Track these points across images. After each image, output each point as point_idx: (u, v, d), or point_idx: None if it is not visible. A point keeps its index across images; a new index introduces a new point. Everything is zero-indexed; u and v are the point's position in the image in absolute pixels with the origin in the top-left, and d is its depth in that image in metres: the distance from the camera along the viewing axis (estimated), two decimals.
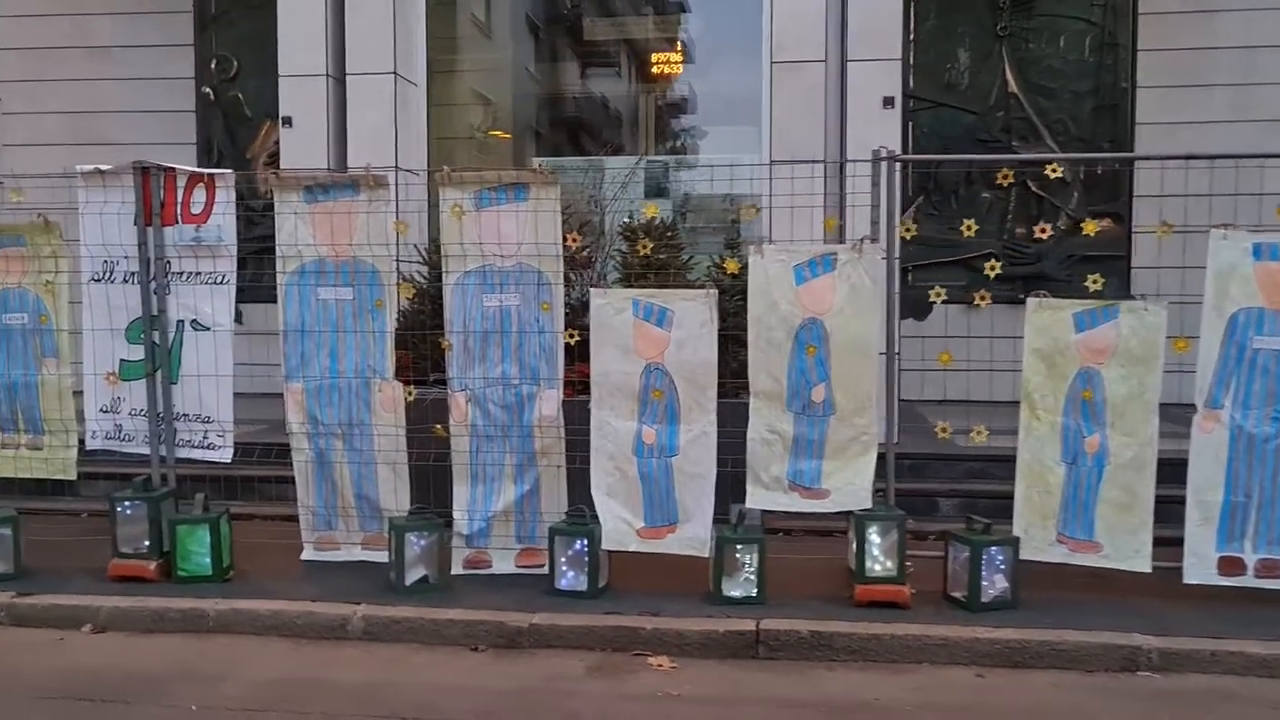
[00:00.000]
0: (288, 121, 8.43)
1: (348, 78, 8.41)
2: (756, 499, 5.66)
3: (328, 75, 8.39)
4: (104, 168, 6.02)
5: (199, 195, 5.99)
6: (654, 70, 11.54)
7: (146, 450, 6.18)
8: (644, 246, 5.92)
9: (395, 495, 6.06)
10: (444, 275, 5.86)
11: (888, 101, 7.94)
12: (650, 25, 11.77)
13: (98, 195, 6.05)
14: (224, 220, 5.95)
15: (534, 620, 5.26)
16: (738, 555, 5.46)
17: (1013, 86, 10.87)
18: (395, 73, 8.32)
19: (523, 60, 11.67)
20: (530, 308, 5.83)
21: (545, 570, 5.89)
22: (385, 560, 6.00)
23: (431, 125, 9.15)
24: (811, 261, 5.52)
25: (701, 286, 6.07)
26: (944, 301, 5.79)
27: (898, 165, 5.63)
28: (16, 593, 5.68)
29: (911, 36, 10.01)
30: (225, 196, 5.98)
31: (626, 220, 7.37)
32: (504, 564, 6.01)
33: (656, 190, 9.78)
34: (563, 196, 5.84)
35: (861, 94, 7.92)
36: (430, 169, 7.94)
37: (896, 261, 5.69)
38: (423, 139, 8.85)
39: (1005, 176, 5.79)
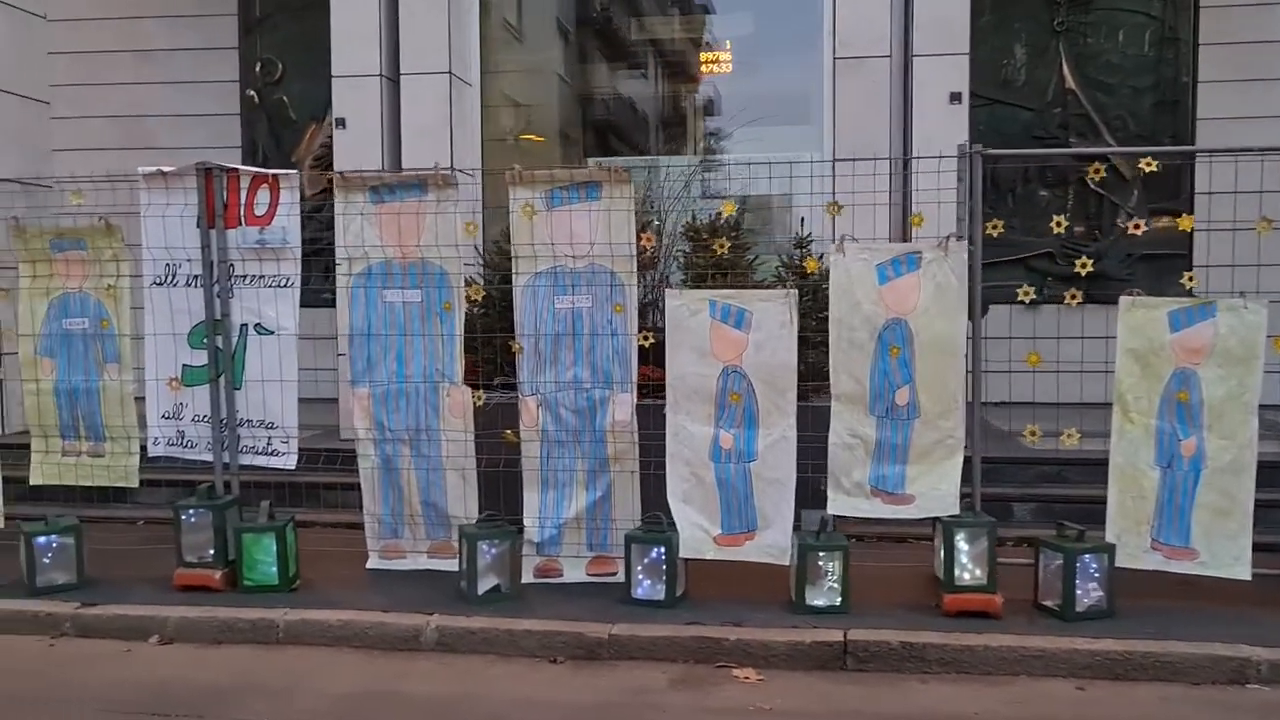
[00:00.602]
0: (341, 123, 8.30)
1: (402, 78, 8.26)
2: (838, 505, 5.49)
3: (381, 75, 8.25)
4: (166, 169, 5.91)
5: (263, 196, 5.88)
6: (702, 69, 11.34)
7: (209, 457, 6.07)
8: (721, 246, 5.74)
9: (464, 502, 5.90)
10: (514, 277, 5.72)
11: (955, 97, 7.74)
12: (696, 25, 11.57)
13: (160, 197, 5.95)
14: (288, 222, 5.83)
15: (613, 631, 5.10)
16: (820, 563, 5.28)
17: (1070, 83, 10.63)
18: (450, 72, 8.17)
19: (564, 60, 11.51)
20: (602, 309, 5.67)
21: (618, 579, 5.75)
22: (453, 569, 5.89)
23: (484, 125, 8.98)
24: (895, 260, 5.34)
25: (777, 286, 5.85)
26: (1010, 302, 5.56)
27: (980, 161, 5.39)
28: (81, 603, 5.56)
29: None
30: (289, 198, 5.86)
31: (689, 220, 7.17)
32: (575, 572, 5.86)
33: (712, 190, 9.58)
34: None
35: (928, 89, 7.72)
36: (486, 169, 7.80)
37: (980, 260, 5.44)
38: (476, 139, 8.70)
39: (1097, 170, 5.59)
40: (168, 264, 5.97)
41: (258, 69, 11.62)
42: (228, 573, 5.75)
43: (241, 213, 5.90)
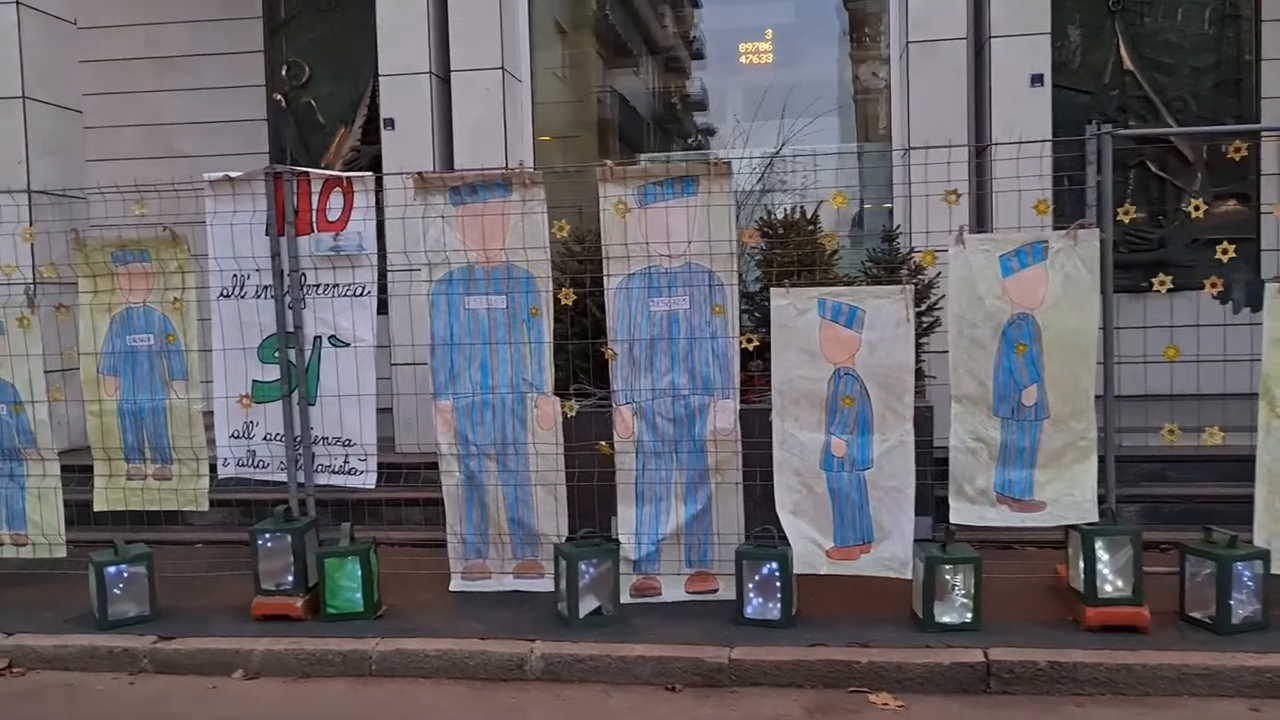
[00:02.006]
0: (390, 123, 7.97)
1: (452, 75, 7.92)
2: (961, 513, 5.15)
3: (431, 73, 7.90)
4: (234, 175, 5.59)
5: (335, 201, 5.54)
6: (741, 60, 11.01)
7: (282, 477, 5.74)
8: (830, 240, 5.38)
9: (554, 519, 5.56)
10: (605, 279, 5.38)
11: (1036, 79, 7.41)
12: (737, 15, 11.23)
13: (226, 205, 5.61)
14: (364, 227, 5.50)
15: (733, 655, 4.76)
16: (948, 577, 4.93)
17: (1128, 63, 10.26)
18: (503, 68, 7.82)
19: (603, 55, 11.18)
20: (701, 311, 5.35)
21: (719, 596, 5.44)
22: (540, 590, 5.62)
23: (535, 123, 8.65)
24: (1020, 251, 5.01)
25: (900, 282, 5.51)
26: None
27: (1110, 142, 5.05)
28: (158, 636, 5.23)
29: None
30: (364, 201, 5.53)
31: (765, 215, 6.83)
32: (674, 590, 5.53)
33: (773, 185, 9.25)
34: None
35: (1007, 72, 7.39)
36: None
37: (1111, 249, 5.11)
38: (528, 137, 8.36)
39: (1237, 150, 5.23)
40: (235, 274, 5.64)
41: (284, 72, 11.30)
42: (309, 600, 5.41)
43: (313, 218, 5.57)
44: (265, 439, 5.73)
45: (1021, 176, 5.68)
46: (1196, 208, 5.17)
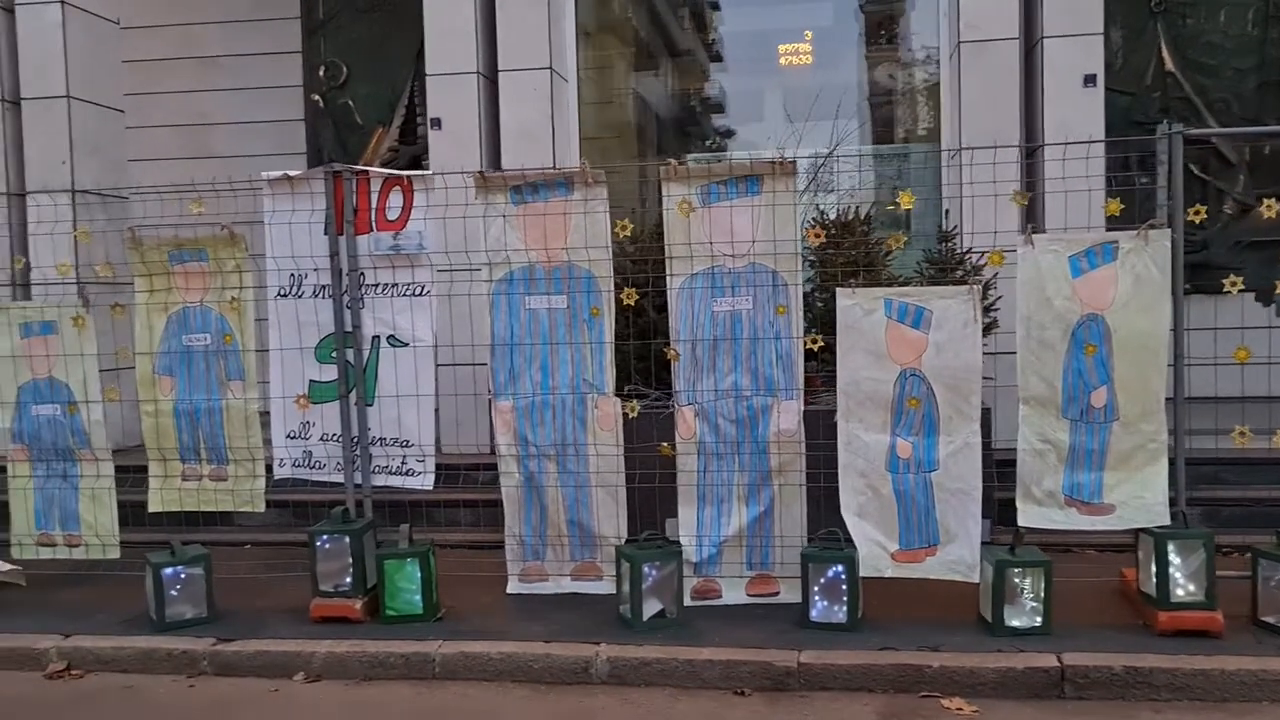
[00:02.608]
0: (437, 123, 7.93)
1: (500, 75, 7.88)
2: (1028, 516, 5.09)
3: (478, 73, 7.86)
4: (292, 173, 5.56)
5: (395, 200, 5.50)
6: (780, 61, 10.94)
7: (339, 478, 5.69)
8: (896, 241, 5.32)
9: (613, 521, 5.51)
10: (668, 279, 5.34)
11: (1089, 80, 7.33)
12: (774, 17, 11.16)
13: (284, 204, 5.57)
14: (425, 226, 5.44)
15: (801, 658, 4.71)
16: (1017, 580, 4.86)
17: (1169, 65, 10.15)
18: (550, 68, 7.78)
19: (640, 56, 11.14)
20: (764, 312, 5.30)
21: (780, 599, 5.39)
22: (597, 592, 5.58)
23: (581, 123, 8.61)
24: (1089, 251, 4.95)
25: (957, 282, 5.45)
26: None
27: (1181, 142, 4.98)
28: (217, 639, 5.19)
29: None
30: (424, 200, 5.48)
31: (818, 215, 6.76)
32: (734, 593, 5.48)
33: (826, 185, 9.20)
34: None
35: (1060, 72, 7.31)
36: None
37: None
38: (574, 137, 8.31)
39: None
40: (293, 274, 5.61)
41: (321, 73, 11.30)
42: (367, 602, 5.35)
43: (373, 217, 5.53)
44: (322, 439, 5.69)
45: (1069, 178, 5.64)
46: (1270, 206, 5.06)
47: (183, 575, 5.40)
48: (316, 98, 11.34)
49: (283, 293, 5.66)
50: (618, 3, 10.30)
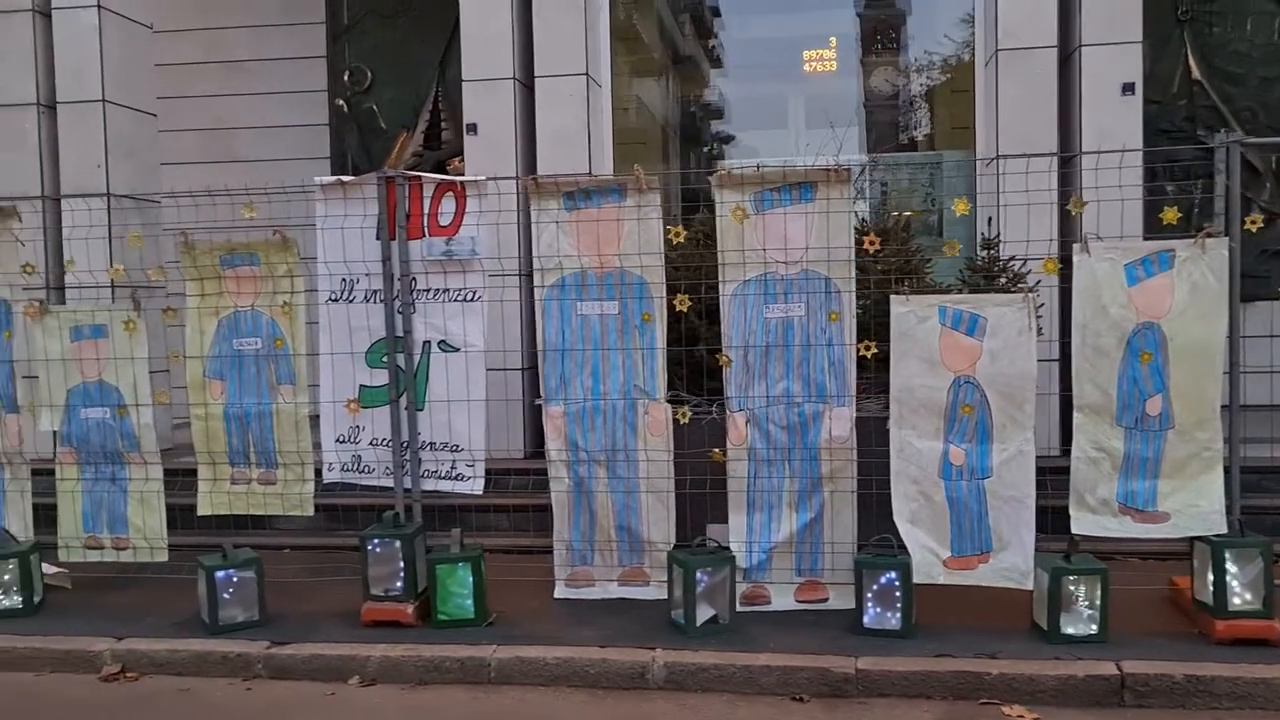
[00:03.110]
0: (472, 128, 7.95)
1: (537, 80, 7.90)
2: (1081, 524, 5.10)
3: (514, 79, 7.88)
4: (345, 179, 5.57)
5: (447, 205, 5.53)
6: (805, 68, 10.97)
7: (388, 483, 5.72)
8: (952, 248, 5.34)
9: (663, 526, 5.53)
10: (720, 285, 5.35)
11: (1127, 88, 7.35)
12: (799, 24, 11.19)
13: (337, 208, 5.59)
14: (478, 232, 5.46)
15: (859, 665, 4.71)
16: (1072, 588, 4.88)
17: (1196, 73, 10.18)
18: (586, 74, 7.81)
19: (669, 60, 11.17)
20: (816, 318, 5.32)
21: (829, 605, 5.41)
22: (644, 597, 5.61)
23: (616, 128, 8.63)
24: (1145, 259, 4.96)
25: (1016, 290, 5.47)
26: None
27: (1239, 150, 5.01)
28: (270, 642, 5.21)
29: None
30: (477, 205, 5.50)
31: (860, 224, 6.78)
32: (783, 599, 5.49)
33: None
34: None
35: (1098, 81, 7.33)
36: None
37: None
38: (608, 143, 8.34)
39: None
40: (344, 278, 5.63)
41: (346, 78, 11.33)
42: (419, 606, 5.36)
43: (425, 223, 5.54)
44: (372, 444, 5.70)
45: (1104, 187, 5.65)
46: (1254, 221, 5.12)
47: (235, 578, 5.41)
48: (341, 102, 11.37)
49: (334, 297, 5.67)
50: (643, 10, 10.32)
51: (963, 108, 10.21)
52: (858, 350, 5.31)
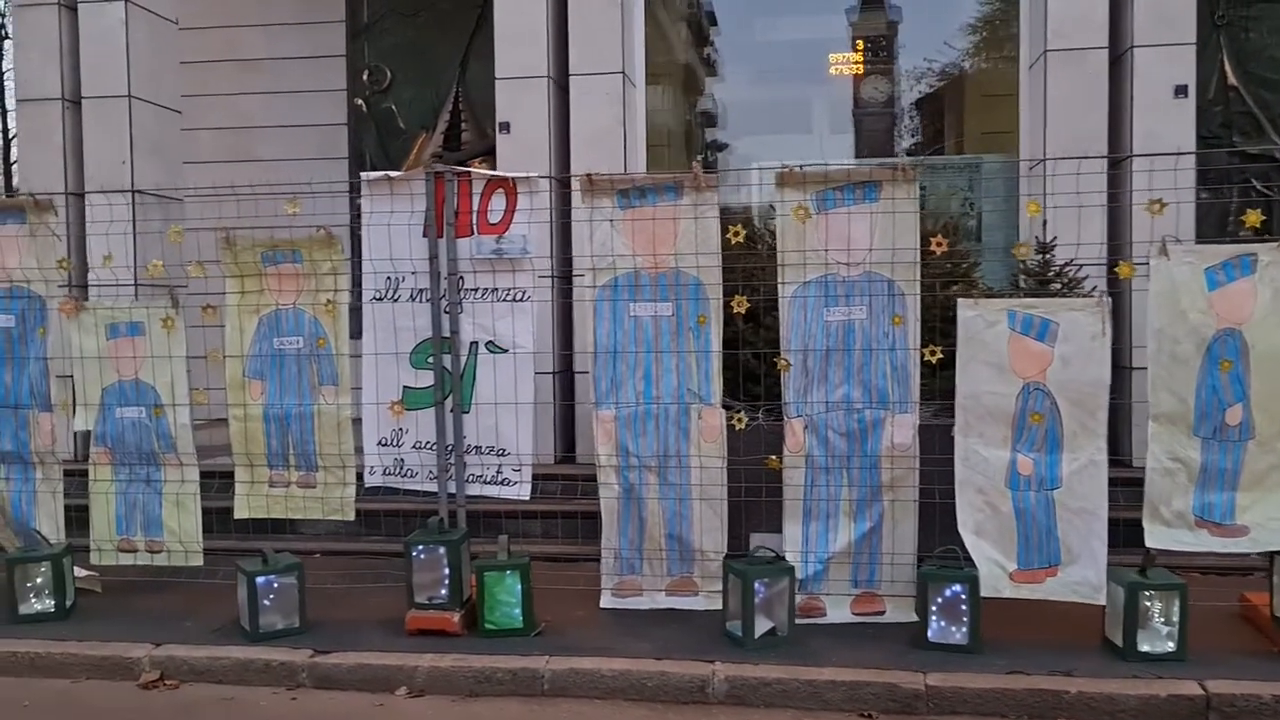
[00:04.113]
0: (505, 127, 7.79)
1: (571, 79, 7.74)
2: (1156, 537, 4.93)
3: (549, 77, 7.72)
4: (393, 174, 5.40)
5: (497, 203, 5.36)
6: (831, 70, 10.82)
7: (431, 487, 5.55)
8: (1023, 250, 5.17)
9: (716, 535, 5.38)
10: (780, 286, 5.19)
11: (1180, 90, 7.20)
12: (829, 25, 11.06)
13: (383, 205, 5.42)
14: (529, 230, 5.28)
15: (929, 681, 4.54)
16: (1148, 604, 4.71)
17: (1232, 79, 10.02)
18: (623, 73, 7.65)
19: (695, 62, 11.03)
20: (879, 322, 5.15)
21: (884, 618, 5.22)
22: (692, 607, 5.46)
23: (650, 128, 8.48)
24: (1226, 263, 4.80)
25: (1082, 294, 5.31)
26: None
27: None
28: (314, 650, 5.03)
29: None
30: (528, 203, 5.34)
31: None
32: (839, 611, 5.33)
33: None
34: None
35: (1150, 82, 7.18)
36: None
37: None
38: (642, 143, 8.18)
39: None
40: (389, 277, 5.45)
41: (365, 77, 11.18)
42: (465, 615, 5.18)
43: (474, 220, 5.38)
44: (415, 447, 5.54)
45: (1154, 189, 5.45)
46: None
47: (275, 584, 5.25)
48: (359, 102, 11.24)
49: (378, 296, 5.50)
50: (669, 11, 10.18)
51: (994, 112, 10.11)
52: (921, 355, 5.11)
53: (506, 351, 5.43)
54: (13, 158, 26.03)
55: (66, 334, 5.72)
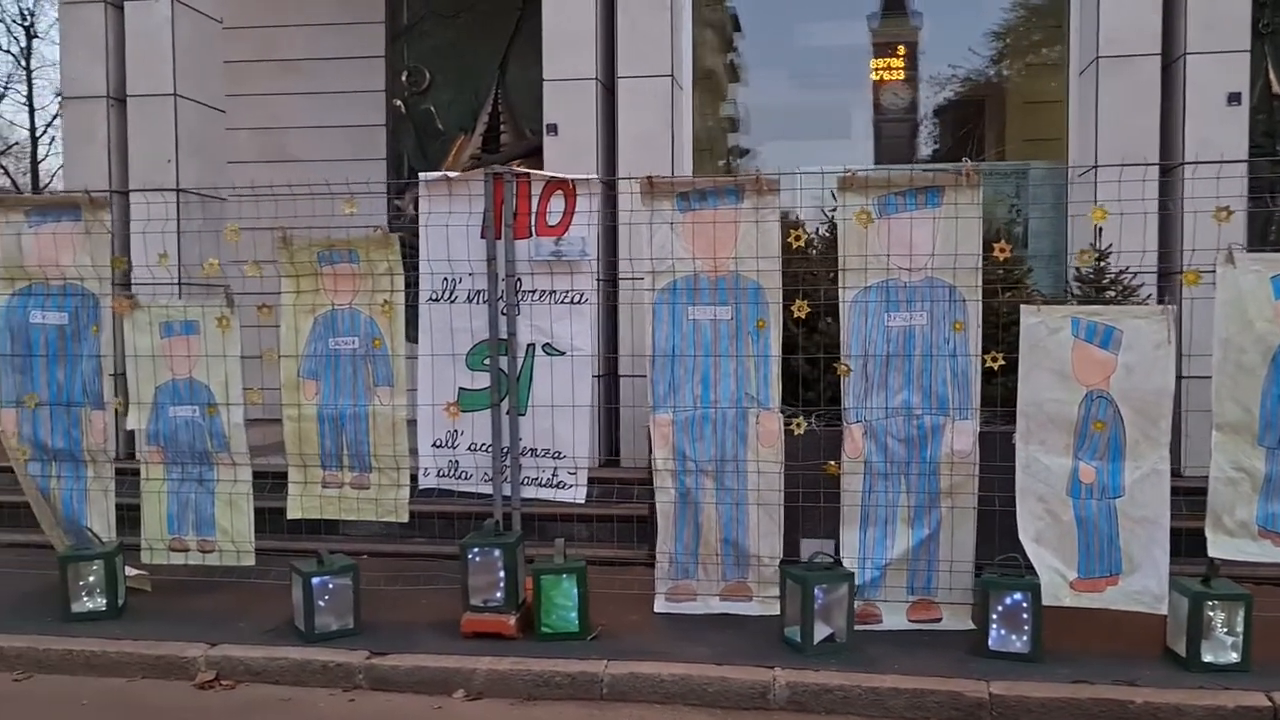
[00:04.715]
0: (553, 129, 7.78)
1: (620, 81, 7.74)
2: (1219, 547, 4.89)
3: (596, 79, 7.71)
4: (452, 175, 5.40)
5: (556, 204, 5.36)
6: (871, 75, 10.78)
7: (486, 489, 5.54)
8: (1086, 256, 5.14)
9: (772, 540, 5.37)
10: (840, 291, 5.15)
11: (1233, 98, 7.15)
12: (864, 31, 11.01)
13: (441, 205, 5.41)
14: (588, 232, 5.27)
15: (993, 690, 4.50)
16: (1212, 614, 4.66)
17: (1276, 87, 9.95)
18: (671, 75, 7.64)
19: (734, 65, 11.01)
20: (940, 328, 5.12)
21: (940, 626, 5.17)
22: (746, 613, 5.46)
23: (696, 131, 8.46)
24: None
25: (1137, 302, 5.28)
26: None
27: None
28: (370, 652, 5.01)
29: None
30: (587, 205, 5.32)
31: None
32: (895, 618, 5.30)
33: None
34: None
35: (1203, 90, 7.14)
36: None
37: None
38: (689, 146, 8.16)
39: None
40: (446, 278, 5.44)
41: (404, 78, 11.19)
42: (520, 618, 5.16)
43: (533, 222, 5.36)
44: (470, 449, 5.51)
45: (1205, 196, 5.44)
46: None
47: (330, 585, 5.24)
48: (398, 103, 11.26)
49: (435, 297, 5.49)
50: (717, 10, 10.16)
51: (1037, 118, 10.06)
52: (982, 362, 5.08)
53: (564, 354, 5.41)
54: (39, 156, 26.21)
55: (121, 332, 5.71)
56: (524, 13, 10.62)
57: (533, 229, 5.40)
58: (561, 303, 5.41)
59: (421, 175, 5.50)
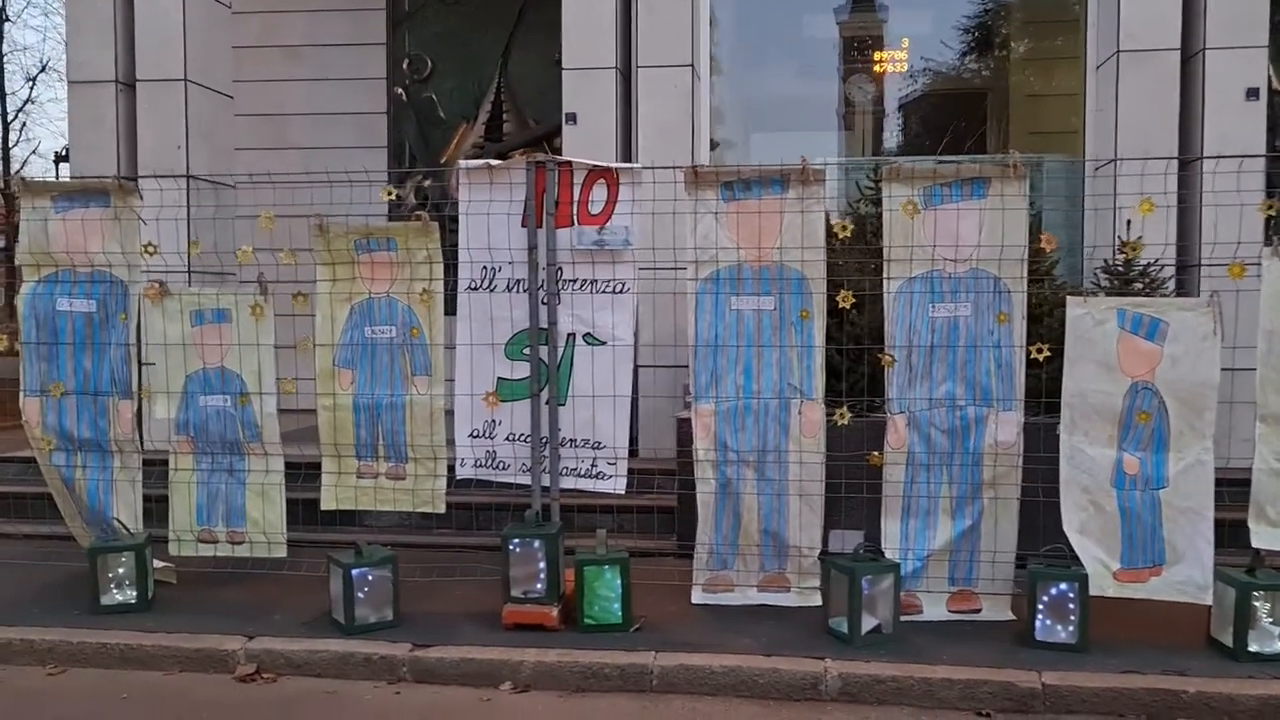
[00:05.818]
0: (571, 118, 7.73)
1: (639, 70, 7.69)
2: (1262, 537, 4.93)
3: (615, 69, 7.67)
4: (494, 163, 5.33)
5: (599, 193, 5.31)
6: (876, 67, 10.78)
7: (525, 480, 5.49)
8: (1132, 249, 5.15)
9: (813, 531, 5.37)
10: (885, 282, 5.15)
11: (1252, 93, 7.20)
12: (875, 23, 11.00)
13: (481, 194, 5.35)
14: (631, 221, 5.23)
15: (1045, 680, 4.51)
16: (1259, 604, 4.70)
17: (1277, 84, 10.04)
18: (691, 65, 7.60)
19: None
20: (984, 319, 5.12)
21: (981, 616, 5.19)
22: (784, 604, 5.44)
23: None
24: None
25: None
26: None
27: None
28: (413, 644, 4.96)
29: None
30: (629, 194, 5.28)
31: None
32: (935, 609, 5.30)
33: None
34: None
35: (1221, 85, 7.18)
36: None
37: None
38: (706, 136, 8.14)
39: None
40: (486, 266, 5.39)
41: (406, 66, 11.10)
42: (562, 609, 5.13)
43: (574, 211, 5.31)
44: (508, 439, 5.47)
45: (1220, 191, 5.50)
46: None
47: (370, 577, 5.18)
48: (400, 91, 11.17)
49: (474, 286, 5.44)
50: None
51: (1044, 111, 10.09)
52: (1027, 353, 5.09)
53: (605, 344, 5.36)
54: (10, 143, 25.75)
55: (150, 320, 5.60)
56: (527, 1, 10.56)
57: (575, 218, 5.35)
58: (603, 292, 5.37)
59: (461, 163, 5.44)
